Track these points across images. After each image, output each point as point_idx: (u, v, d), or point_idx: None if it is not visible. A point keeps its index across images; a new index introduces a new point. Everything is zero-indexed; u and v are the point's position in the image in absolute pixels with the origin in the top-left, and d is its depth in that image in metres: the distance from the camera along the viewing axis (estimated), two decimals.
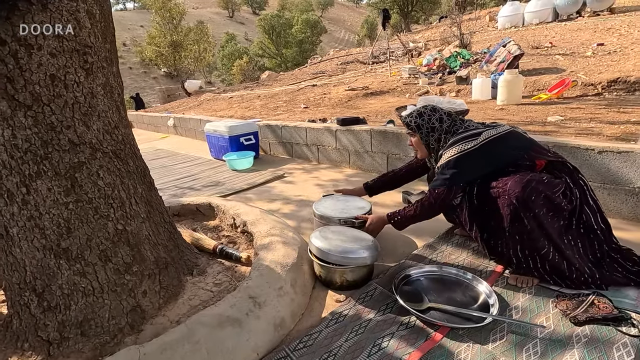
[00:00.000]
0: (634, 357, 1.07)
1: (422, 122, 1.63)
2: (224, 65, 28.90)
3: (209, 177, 3.56)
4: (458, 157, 1.48)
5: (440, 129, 1.60)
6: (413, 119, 1.66)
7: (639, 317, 1.22)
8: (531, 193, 1.32)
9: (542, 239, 1.36)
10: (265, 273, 1.46)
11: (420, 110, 1.66)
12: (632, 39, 6.83)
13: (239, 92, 10.64)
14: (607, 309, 1.25)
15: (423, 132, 1.63)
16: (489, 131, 1.49)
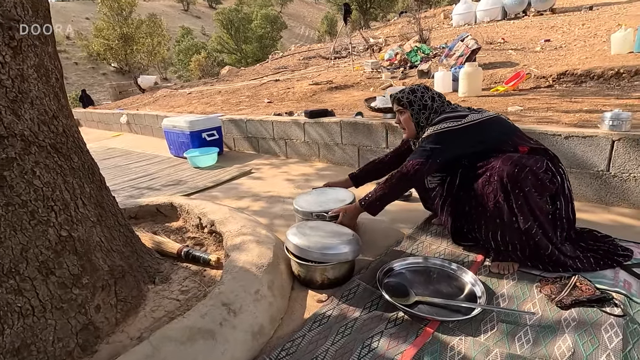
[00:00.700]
0: (621, 337, 1.06)
1: (414, 98, 1.58)
2: (180, 61, 27.66)
3: (169, 176, 3.31)
4: (441, 132, 1.46)
5: (430, 108, 1.57)
6: (405, 94, 1.60)
7: (619, 297, 1.23)
8: (521, 170, 1.31)
9: (530, 217, 1.35)
10: (238, 276, 1.33)
11: (413, 87, 1.60)
12: (574, 36, 7.31)
13: (198, 88, 10.18)
14: (589, 290, 1.25)
15: (414, 109, 1.58)
16: (474, 115, 1.47)
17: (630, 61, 4.74)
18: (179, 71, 28.55)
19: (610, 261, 1.40)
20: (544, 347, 1.07)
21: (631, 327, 1.11)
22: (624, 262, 1.40)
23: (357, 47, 11.80)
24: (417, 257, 1.54)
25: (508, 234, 1.40)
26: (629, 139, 1.82)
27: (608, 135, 1.87)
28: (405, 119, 1.62)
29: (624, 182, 1.88)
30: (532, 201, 1.33)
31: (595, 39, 6.75)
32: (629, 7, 9.07)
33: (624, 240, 1.57)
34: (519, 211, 1.34)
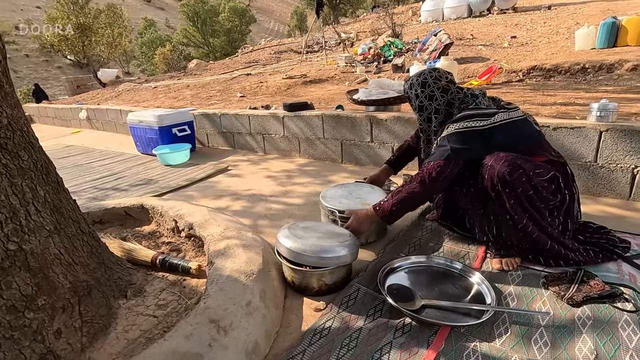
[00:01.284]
0: (639, 334, 1.02)
1: (412, 94, 1.49)
2: (143, 54, 26.32)
3: (137, 175, 3.05)
4: (464, 131, 1.32)
5: (444, 100, 1.43)
6: (414, 88, 1.49)
7: (628, 291, 1.19)
8: (513, 170, 1.24)
9: (524, 215, 1.29)
10: (226, 287, 1.17)
11: (426, 79, 1.45)
12: (538, 33, 7.57)
13: (164, 82, 9.68)
14: (598, 285, 1.21)
15: (415, 106, 1.50)
16: (502, 114, 1.34)
17: (593, 56, 4.94)
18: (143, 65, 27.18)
19: (610, 253, 1.37)
20: (563, 349, 1.00)
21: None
22: (624, 254, 1.38)
23: (329, 41, 11.68)
24: (418, 256, 1.44)
25: (504, 231, 1.35)
26: (616, 129, 1.82)
27: (596, 126, 1.86)
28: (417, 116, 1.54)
29: (611, 172, 1.89)
30: (526, 201, 1.28)
31: (558, 35, 7.02)
32: (583, 7, 9.55)
33: (619, 232, 1.56)
34: (512, 210, 1.29)
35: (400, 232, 1.71)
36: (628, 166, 1.84)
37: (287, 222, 1.94)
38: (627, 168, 1.84)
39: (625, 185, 1.87)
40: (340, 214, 1.60)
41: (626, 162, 1.84)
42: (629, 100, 3.11)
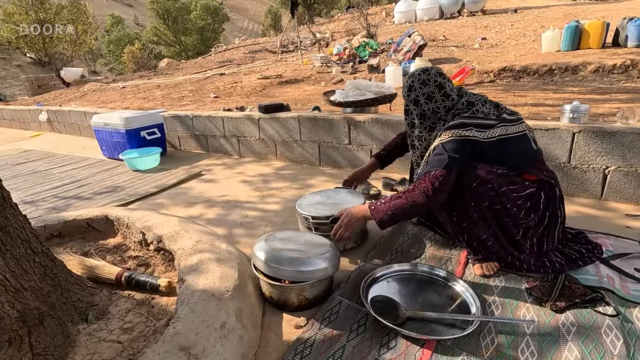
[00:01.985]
0: (622, 340, 1.01)
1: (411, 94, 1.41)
2: (110, 52, 25.25)
3: (102, 182, 2.86)
4: (461, 140, 1.26)
5: (441, 102, 1.37)
6: (415, 87, 1.39)
7: (607, 293, 1.20)
8: (480, 185, 1.25)
9: (487, 230, 1.31)
10: (198, 308, 1.08)
11: (423, 77, 1.36)
12: (507, 35, 7.81)
13: (133, 82, 9.29)
14: (579, 289, 1.21)
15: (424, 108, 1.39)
16: (500, 128, 1.29)
17: (559, 58, 5.13)
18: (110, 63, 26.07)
19: (588, 258, 1.38)
20: (550, 359, 0.98)
21: (626, 327, 1.07)
22: (601, 257, 1.39)
23: (305, 41, 11.61)
24: (401, 264, 1.40)
25: (474, 240, 1.34)
26: (588, 130, 1.85)
27: (569, 127, 1.89)
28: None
29: (584, 173, 1.93)
30: (490, 216, 1.28)
31: (525, 38, 7.26)
32: (547, 11, 9.97)
33: (594, 232, 1.58)
34: (476, 222, 1.30)
35: (381, 239, 1.67)
36: (599, 167, 1.88)
37: (264, 230, 1.86)
38: (599, 168, 1.88)
39: (597, 185, 1.91)
40: (314, 220, 1.54)
41: (598, 163, 1.88)
42: (594, 101, 3.23)
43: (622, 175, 1.84)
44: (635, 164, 1.79)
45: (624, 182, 1.84)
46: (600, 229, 1.63)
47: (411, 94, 1.39)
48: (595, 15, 7.48)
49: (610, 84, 4.11)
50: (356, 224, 1.42)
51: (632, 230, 1.62)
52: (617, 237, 1.54)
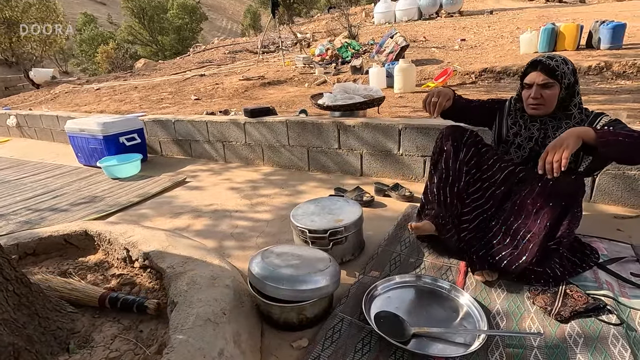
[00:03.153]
0: (630, 351, 1.01)
1: (567, 71, 1.30)
2: (83, 52, 24.32)
3: (79, 192, 2.70)
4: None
5: (577, 85, 1.34)
6: (560, 64, 1.29)
7: (609, 300, 1.20)
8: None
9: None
10: (193, 334, 1.00)
11: (563, 56, 1.32)
12: (486, 36, 7.98)
13: (108, 83, 8.95)
14: (582, 298, 1.20)
15: (564, 84, 1.30)
16: None
17: None
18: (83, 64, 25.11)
19: (585, 264, 1.38)
20: None
21: (631, 336, 1.07)
22: (598, 262, 1.40)
23: (286, 41, 11.51)
24: (402, 275, 1.36)
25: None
26: None
27: None
28: (552, 94, 1.30)
29: None
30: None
31: (503, 39, 7.43)
32: (521, 13, 10.27)
33: (588, 236, 1.59)
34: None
35: (378, 248, 1.63)
36: None
37: (257, 242, 1.79)
38: None
39: (586, 188, 1.94)
40: (311, 234, 1.49)
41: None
42: None
43: (610, 178, 1.87)
44: (622, 166, 1.82)
45: (612, 185, 1.87)
46: (592, 232, 1.64)
47: (572, 76, 1.33)
48: (567, 18, 7.73)
49: (587, 85, 4.23)
50: (575, 146, 1.13)
51: (623, 233, 1.65)
52: (610, 241, 1.56)
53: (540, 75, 1.29)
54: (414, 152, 2.35)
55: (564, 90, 1.30)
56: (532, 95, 1.33)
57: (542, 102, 1.32)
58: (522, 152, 1.45)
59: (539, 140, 1.40)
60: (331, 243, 1.47)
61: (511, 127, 1.49)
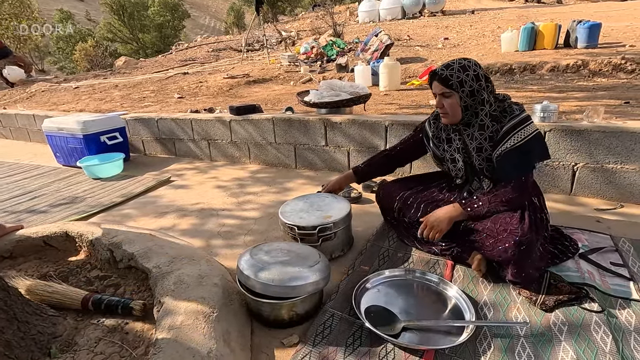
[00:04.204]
0: (611, 336, 1.04)
1: (466, 77, 1.26)
2: (60, 50, 23.60)
3: (58, 192, 2.62)
4: (537, 135, 1.27)
5: (490, 90, 1.30)
6: (455, 72, 1.26)
7: (590, 289, 1.23)
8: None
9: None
10: (181, 334, 0.98)
11: (463, 63, 1.28)
12: (468, 35, 8.11)
13: (87, 82, 8.70)
14: (565, 287, 1.23)
15: (465, 92, 1.27)
16: None
17: (518, 58, 5.38)
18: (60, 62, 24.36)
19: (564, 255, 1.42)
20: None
21: (612, 322, 1.10)
22: (577, 252, 1.44)
23: (270, 40, 11.43)
24: (392, 270, 1.37)
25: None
26: (558, 129, 1.92)
27: (541, 126, 1.96)
28: (452, 103, 1.30)
29: (555, 170, 2.00)
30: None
31: (485, 38, 7.57)
32: (502, 13, 10.49)
33: (569, 228, 1.64)
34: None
35: (367, 243, 1.64)
36: (569, 164, 1.96)
37: (244, 240, 1.77)
38: (568, 165, 1.96)
39: (567, 181, 1.99)
40: (300, 230, 1.48)
41: (567, 160, 1.95)
42: (554, 99, 3.39)
43: (590, 172, 1.92)
44: (601, 160, 1.88)
45: (592, 178, 1.93)
46: (573, 224, 1.69)
47: (473, 81, 1.28)
48: (545, 18, 7.94)
49: (566, 83, 4.36)
50: (448, 227, 1.34)
51: (602, 225, 1.70)
52: (591, 232, 1.61)
53: (438, 85, 1.31)
54: None
55: (467, 98, 1.28)
56: (435, 104, 1.38)
57: (446, 111, 1.34)
58: (459, 165, 1.45)
59: (462, 150, 1.41)
60: (320, 239, 1.46)
61: (438, 146, 1.51)
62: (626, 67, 4.34)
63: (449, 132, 1.45)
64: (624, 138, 1.80)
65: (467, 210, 1.32)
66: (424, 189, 1.59)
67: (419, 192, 1.58)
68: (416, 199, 1.54)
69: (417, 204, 1.51)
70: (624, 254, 1.44)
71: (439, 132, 1.49)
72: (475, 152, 1.36)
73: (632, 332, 1.06)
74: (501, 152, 1.28)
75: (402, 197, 1.56)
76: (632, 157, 1.82)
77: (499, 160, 1.30)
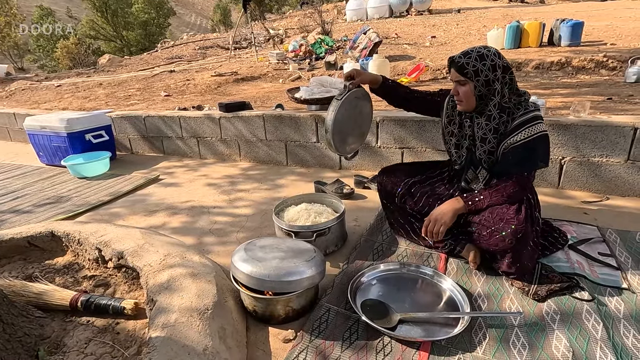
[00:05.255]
0: (602, 324, 1.06)
1: (482, 67, 1.23)
2: (40, 47, 22.95)
3: (42, 192, 2.54)
4: (546, 135, 1.26)
5: (502, 81, 1.27)
6: (472, 61, 1.24)
7: (580, 279, 1.26)
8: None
9: None
10: (175, 332, 0.96)
11: (481, 52, 1.26)
12: (454, 34, 8.20)
13: (70, 80, 8.49)
14: (556, 277, 1.26)
15: (480, 81, 1.24)
16: None
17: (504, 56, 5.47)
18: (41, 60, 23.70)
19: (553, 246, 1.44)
20: (541, 350, 1.00)
21: (602, 310, 1.13)
22: (568, 243, 1.47)
23: (258, 37, 11.35)
24: (387, 263, 1.37)
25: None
26: (546, 124, 1.95)
27: None
28: (466, 91, 1.28)
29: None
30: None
31: (471, 36, 7.66)
32: (487, 12, 10.64)
33: (558, 220, 1.67)
34: None
35: (361, 238, 1.64)
36: (557, 157, 1.99)
37: (237, 237, 1.75)
38: (556, 159, 2.00)
39: (555, 175, 2.03)
40: (300, 229, 1.47)
41: (555, 154, 1.99)
42: (540, 96, 3.45)
43: (577, 165, 1.96)
44: (587, 154, 1.92)
45: (578, 171, 1.97)
46: (561, 216, 1.72)
47: (490, 71, 1.25)
48: (529, 17, 8.08)
49: (551, 80, 4.45)
50: (451, 221, 1.31)
51: (589, 216, 1.74)
52: (579, 224, 1.64)
53: (455, 72, 1.30)
54: (392, 144, 2.38)
55: (483, 87, 1.26)
56: (452, 91, 1.36)
57: (460, 98, 1.32)
58: (461, 152, 1.45)
59: (470, 137, 1.40)
60: (314, 234, 1.45)
61: (446, 127, 1.50)
62: (608, 64, 4.46)
63: (461, 118, 1.43)
64: (609, 132, 1.85)
65: (468, 204, 1.30)
66: (426, 179, 1.57)
67: (422, 181, 1.55)
68: (419, 188, 1.51)
69: (421, 194, 1.49)
70: (611, 244, 1.48)
71: (453, 114, 1.47)
72: (479, 142, 1.35)
73: (622, 319, 1.09)
74: (508, 145, 1.28)
75: (406, 183, 1.53)
76: (616, 151, 1.86)
77: (504, 152, 1.29)
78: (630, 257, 1.38)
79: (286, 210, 1.66)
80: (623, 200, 1.88)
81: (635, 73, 3.52)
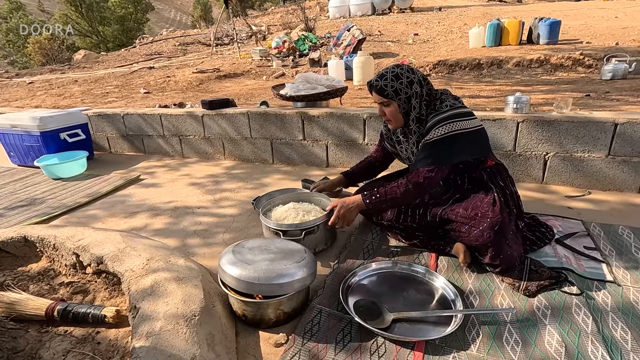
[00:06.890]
0: (592, 317, 1.07)
1: (400, 86, 1.31)
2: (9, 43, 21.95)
3: (14, 194, 2.41)
4: (453, 135, 1.28)
5: (421, 94, 1.33)
6: (389, 82, 1.32)
7: (568, 273, 1.27)
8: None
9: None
10: (160, 340, 0.91)
11: (395, 71, 1.33)
12: (437, 32, 8.29)
13: (43, 76, 8.14)
14: (545, 272, 1.27)
15: (401, 99, 1.33)
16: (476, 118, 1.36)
17: (485, 53, 5.54)
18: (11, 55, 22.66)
19: (541, 241, 1.46)
20: (534, 346, 1.00)
21: (591, 304, 1.14)
22: (555, 237, 1.49)
23: (240, 34, 11.17)
24: (378, 262, 1.36)
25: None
26: (530, 120, 1.98)
27: (514, 117, 2.01)
28: (391, 111, 1.37)
29: (527, 159, 2.06)
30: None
31: (453, 34, 7.75)
32: (467, 10, 10.81)
33: (544, 215, 1.69)
34: None
35: (351, 236, 1.61)
36: (541, 153, 2.02)
37: (223, 238, 1.69)
38: (540, 155, 2.03)
39: (539, 170, 2.06)
40: (288, 228, 1.43)
41: (539, 150, 2.02)
42: (521, 92, 3.52)
43: (560, 160, 2.00)
44: (570, 149, 1.96)
45: (562, 167, 2.00)
46: (546, 211, 1.75)
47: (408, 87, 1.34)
48: (509, 15, 8.25)
49: (531, 77, 4.54)
50: (352, 216, 1.45)
51: (573, 211, 1.77)
52: (564, 218, 1.67)
53: (376, 95, 1.37)
54: (377, 141, 2.36)
55: (405, 104, 1.34)
56: (378, 112, 1.44)
57: (388, 118, 1.41)
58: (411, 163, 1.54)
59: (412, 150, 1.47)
60: (303, 233, 1.42)
61: (392, 145, 1.59)
62: (585, 62, 4.58)
63: (397, 134, 1.52)
64: (591, 127, 1.88)
65: (366, 202, 1.40)
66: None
67: None
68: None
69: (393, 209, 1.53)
70: (595, 238, 1.51)
71: (390, 134, 1.57)
72: (413, 157, 1.45)
73: (609, 312, 1.10)
74: (419, 147, 1.37)
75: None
76: (598, 146, 1.90)
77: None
78: (614, 251, 1.41)
79: (274, 209, 1.62)
80: (604, 194, 1.92)
81: (611, 70, 3.63)
